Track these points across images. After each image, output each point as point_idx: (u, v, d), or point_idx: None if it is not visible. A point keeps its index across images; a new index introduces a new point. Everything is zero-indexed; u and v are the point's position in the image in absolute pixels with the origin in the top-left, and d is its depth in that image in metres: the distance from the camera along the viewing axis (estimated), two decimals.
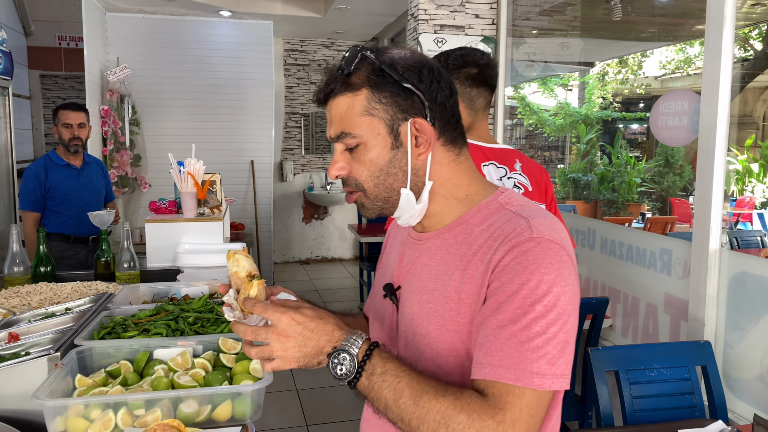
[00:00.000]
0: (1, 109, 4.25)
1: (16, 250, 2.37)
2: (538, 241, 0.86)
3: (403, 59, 0.93)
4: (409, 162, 0.94)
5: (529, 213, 0.92)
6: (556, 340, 0.83)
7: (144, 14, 5.71)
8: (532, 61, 4.19)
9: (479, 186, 0.99)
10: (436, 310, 0.94)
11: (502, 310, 0.85)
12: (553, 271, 0.85)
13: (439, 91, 0.94)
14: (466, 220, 0.96)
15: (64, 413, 1.12)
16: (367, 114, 0.92)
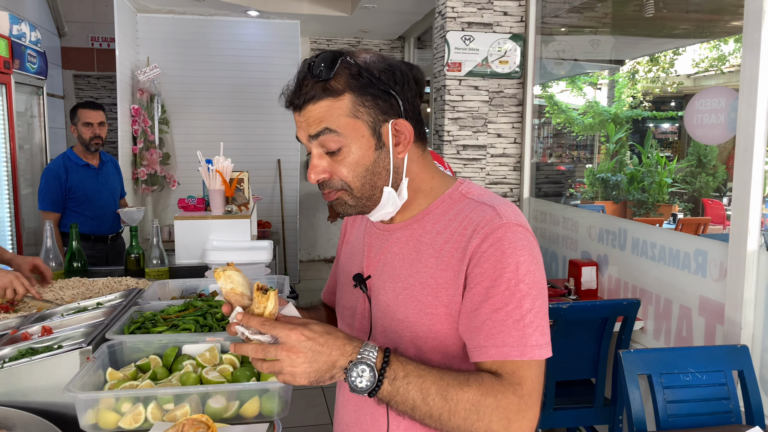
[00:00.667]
0: (35, 108, 4.34)
1: (50, 245, 2.42)
2: (508, 226, 0.95)
3: (376, 62, 0.97)
4: (391, 160, 0.99)
5: (491, 201, 1.00)
6: (542, 312, 0.93)
7: (174, 15, 5.79)
8: (561, 59, 4.13)
9: (440, 179, 1.07)
10: (413, 296, 1.00)
11: (492, 294, 0.92)
12: (526, 251, 0.94)
13: (409, 92, 0.99)
14: (432, 210, 1.03)
15: (95, 406, 1.13)
16: (352, 117, 0.95)
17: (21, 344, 1.46)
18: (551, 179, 9.71)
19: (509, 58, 3.72)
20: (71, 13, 6.39)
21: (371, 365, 0.86)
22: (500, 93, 3.78)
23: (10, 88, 3.56)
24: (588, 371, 2.52)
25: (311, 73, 0.95)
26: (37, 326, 1.60)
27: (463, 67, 3.69)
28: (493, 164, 3.85)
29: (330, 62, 0.94)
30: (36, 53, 4.05)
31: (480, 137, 3.81)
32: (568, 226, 3.36)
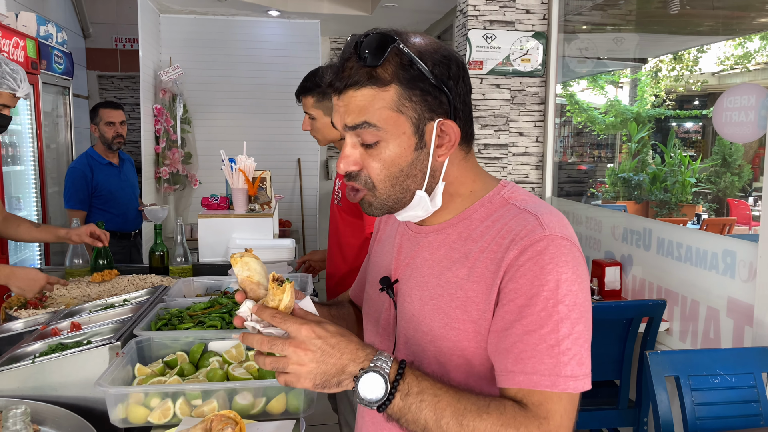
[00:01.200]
0: (61, 108, 4.41)
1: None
2: (551, 239, 0.84)
3: (432, 52, 0.87)
4: (430, 163, 0.89)
5: (536, 209, 0.89)
6: (582, 339, 0.83)
7: (196, 15, 5.84)
8: (584, 57, 4.09)
9: (482, 181, 0.96)
10: (440, 307, 0.91)
11: (526, 314, 0.83)
12: (569, 269, 0.83)
13: (463, 88, 0.89)
14: (469, 215, 0.93)
15: (125, 401, 1.15)
16: (396, 111, 0.86)
17: (51, 339, 1.49)
18: (573, 179, 9.62)
19: (531, 57, 3.69)
20: (96, 15, 6.49)
21: (384, 375, 0.79)
22: (522, 91, 3.75)
23: (37, 88, 3.62)
24: (612, 372, 2.49)
25: (358, 55, 0.85)
26: (66, 322, 1.62)
27: (485, 66, 3.67)
28: (515, 163, 3.82)
29: (380, 46, 0.84)
30: (62, 54, 4.11)
31: (502, 136, 3.78)
32: (591, 225, 3.32)
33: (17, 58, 3.25)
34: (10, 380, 1.31)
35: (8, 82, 1.98)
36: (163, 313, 1.58)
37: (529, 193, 0.95)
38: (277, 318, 0.81)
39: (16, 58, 3.24)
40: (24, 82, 2.05)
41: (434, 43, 0.89)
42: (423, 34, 0.91)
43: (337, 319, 1.11)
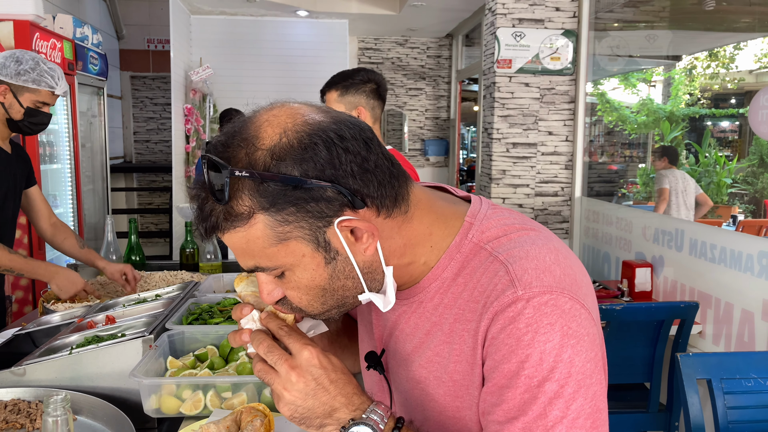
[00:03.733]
0: (96, 108, 4.52)
1: (111, 239, 2.52)
2: (525, 299, 0.68)
3: (287, 149, 0.66)
4: (355, 264, 0.72)
5: (507, 254, 0.72)
6: (582, 418, 0.68)
7: (225, 15, 5.93)
8: (616, 56, 4.03)
9: (441, 227, 0.77)
10: (429, 395, 0.78)
11: (507, 398, 0.69)
12: (555, 332, 0.67)
13: (349, 163, 0.68)
14: (438, 274, 0.77)
15: (158, 392, 1.17)
16: (278, 243, 0.69)
17: (87, 332, 1.53)
18: (603, 178, 9.48)
19: (561, 55, 3.65)
20: (129, 17, 6.63)
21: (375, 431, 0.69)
22: (551, 90, 3.72)
23: (73, 89, 3.72)
24: (642, 375, 2.45)
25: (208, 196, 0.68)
26: (101, 315, 1.67)
27: (514, 64, 3.65)
28: (544, 162, 3.79)
29: (220, 182, 0.66)
30: (97, 55, 4.22)
31: (530, 135, 3.75)
32: (621, 226, 3.28)
33: (54, 60, 3.34)
34: (49, 371, 1.35)
35: (47, 80, 2.04)
36: (194, 308, 1.61)
37: (503, 224, 0.77)
38: (283, 331, 0.73)
39: (54, 59, 3.33)
40: (62, 80, 2.10)
41: (288, 129, 0.68)
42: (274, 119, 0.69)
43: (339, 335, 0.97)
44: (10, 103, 2.02)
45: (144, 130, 7.05)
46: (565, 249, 0.76)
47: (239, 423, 1.06)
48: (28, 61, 2.02)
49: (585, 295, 0.71)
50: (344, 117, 0.71)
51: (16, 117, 2.05)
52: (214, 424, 1.04)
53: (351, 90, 2.06)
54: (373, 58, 7.17)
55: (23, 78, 2.00)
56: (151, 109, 7.03)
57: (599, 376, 0.70)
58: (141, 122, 7.05)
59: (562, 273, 0.71)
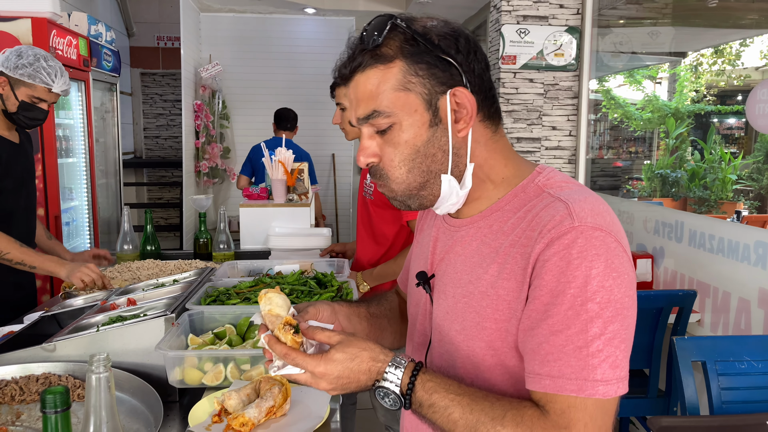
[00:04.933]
0: (109, 103, 4.62)
1: (127, 230, 2.61)
2: (580, 230, 0.78)
3: (437, 27, 0.85)
4: (450, 140, 0.85)
5: (568, 196, 0.84)
6: (617, 339, 0.77)
7: (234, 13, 6.01)
8: (619, 52, 4.09)
9: (515, 166, 0.91)
10: (472, 306, 0.88)
11: (552, 314, 0.78)
12: (601, 262, 0.77)
13: (476, 63, 0.86)
14: (502, 206, 0.89)
15: (182, 364, 1.26)
16: (403, 89, 0.83)
17: (111, 312, 1.62)
18: (607, 173, 9.50)
19: (565, 51, 3.71)
20: (139, 14, 6.73)
21: (394, 393, 0.81)
22: (555, 86, 3.78)
23: (88, 85, 3.81)
24: (642, 362, 2.52)
25: (362, 41, 0.84)
26: (123, 298, 1.75)
27: (518, 60, 3.71)
28: (548, 157, 3.85)
29: (380, 27, 0.83)
30: (111, 52, 4.31)
31: (534, 130, 3.82)
32: (623, 219, 3.34)
33: (70, 56, 3.43)
34: (78, 347, 1.43)
35: (42, 76, 2.09)
36: (211, 291, 1.70)
37: (567, 179, 0.90)
38: (289, 357, 0.85)
39: (69, 56, 3.42)
40: (60, 78, 2.14)
41: (442, 20, 0.87)
42: (433, 16, 0.89)
43: (378, 317, 1.10)
44: (7, 94, 2.10)
45: (154, 126, 7.16)
46: (613, 213, 0.87)
47: (258, 391, 1.14)
48: (29, 56, 2.09)
49: (626, 244, 0.83)
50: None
51: (11, 109, 2.12)
52: (236, 392, 1.12)
53: None
54: None
55: (20, 72, 2.07)
56: (161, 106, 7.13)
57: (633, 311, 0.80)
58: (151, 118, 7.15)
59: (611, 220, 0.82)
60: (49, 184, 3.22)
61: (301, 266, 2.14)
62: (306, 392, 1.19)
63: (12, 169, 2.21)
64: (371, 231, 2.22)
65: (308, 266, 2.16)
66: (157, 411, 1.22)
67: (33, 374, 1.39)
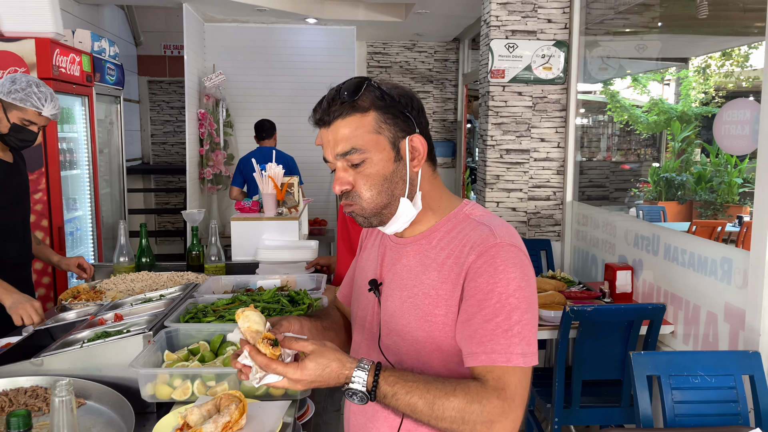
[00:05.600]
0: (113, 115, 4.77)
1: (123, 242, 2.74)
2: (501, 246, 1.07)
3: (397, 90, 1.12)
4: (408, 172, 1.11)
5: (490, 222, 1.12)
6: (530, 325, 1.04)
7: (237, 23, 6.15)
8: (606, 65, 4.16)
9: (448, 199, 1.19)
10: (416, 304, 1.12)
11: (484, 306, 1.04)
12: (517, 269, 1.05)
13: (422, 118, 1.14)
14: (438, 228, 1.15)
15: (153, 380, 1.38)
16: (375, 132, 1.09)
17: (97, 328, 1.74)
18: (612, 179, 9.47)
19: (552, 65, 3.80)
20: (146, 24, 6.89)
21: (361, 390, 1.00)
22: (544, 98, 3.86)
23: (92, 99, 3.96)
24: (616, 372, 2.61)
25: (339, 96, 1.08)
26: (111, 313, 1.88)
27: (507, 74, 3.80)
28: (536, 168, 3.94)
29: (359, 85, 1.09)
30: (114, 66, 4.45)
31: (523, 141, 3.91)
32: (607, 230, 3.42)
33: (73, 73, 3.58)
34: (63, 362, 1.56)
35: (33, 100, 2.26)
36: (191, 308, 1.82)
37: (486, 210, 1.18)
38: (270, 367, 1.00)
39: (73, 72, 3.57)
40: (50, 102, 2.30)
41: (398, 86, 1.15)
42: (389, 81, 1.16)
43: (328, 330, 1.31)
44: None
45: (161, 133, 7.32)
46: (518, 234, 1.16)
47: (219, 407, 1.25)
48: (22, 82, 2.27)
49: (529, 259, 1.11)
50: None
51: (2, 131, 2.29)
52: (197, 407, 1.24)
53: None
54: (381, 62, 7.35)
55: (12, 96, 2.24)
56: (168, 113, 7.29)
57: (536, 307, 1.08)
58: (158, 125, 7.31)
59: (519, 240, 1.11)
60: (53, 196, 3.37)
61: (282, 281, 2.26)
62: (262, 408, 1.31)
63: (7, 188, 2.36)
64: (350, 246, 2.33)
65: (291, 280, 2.28)
66: (130, 422, 1.33)
67: (22, 387, 1.51)
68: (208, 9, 5.67)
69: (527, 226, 3.98)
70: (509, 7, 3.74)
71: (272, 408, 1.30)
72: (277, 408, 1.31)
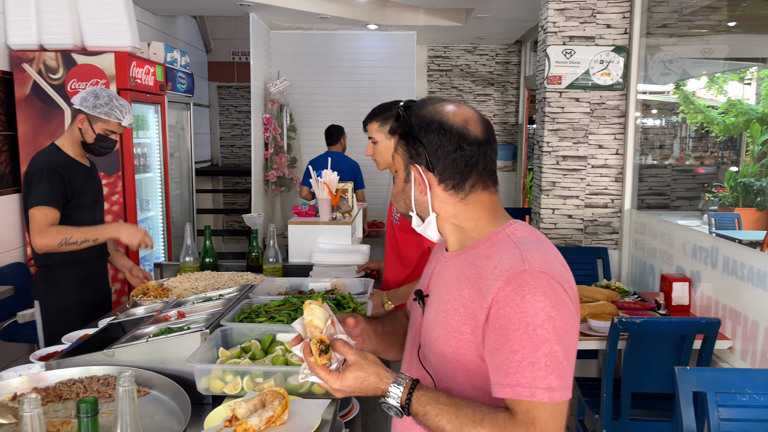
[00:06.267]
0: (184, 121, 5.05)
1: (189, 243, 2.93)
2: (530, 272, 1.03)
3: (422, 117, 1.15)
4: (412, 195, 1.19)
5: (525, 245, 1.09)
6: (561, 357, 1.00)
7: (302, 30, 6.35)
8: (668, 70, 4.05)
9: (489, 219, 1.17)
10: (446, 319, 1.13)
11: (511, 337, 1.01)
12: (547, 298, 1.01)
13: (440, 148, 1.13)
14: (477, 246, 1.15)
15: (208, 375, 1.50)
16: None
17: (162, 324, 1.90)
18: (675, 186, 9.10)
19: (611, 70, 3.74)
20: (216, 31, 7.22)
21: (396, 405, 1.06)
22: (602, 104, 3.81)
23: (164, 107, 4.22)
24: (668, 386, 2.56)
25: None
26: (174, 311, 2.04)
27: (564, 80, 3.77)
28: (594, 175, 3.89)
29: (396, 110, 1.23)
30: (185, 75, 4.72)
31: (580, 148, 3.87)
32: (665, 240, 3.34)
33: (147, 83, 3.84)
34: (131, 354, 1.72)
35: (116, 113, 2.53)
36: (246, 308, 1.95)
37: (532, 232, 1.15)
38: (314, 370, 1.09)
39: (147, 83, 3.83)
40: (129, 114, 2.59)
41: (433, 110, 1.16)
42: (448, 102, 1.18)
43: (388, 335, 1.37)
44: (86, 129, 2.52)
45: (229, 136, 7.65)
46: (561, 259, 1.13)
47: (264, 402, 1.36)
48: (104, 96, 2.52)
49: (568, 286, 1.07)
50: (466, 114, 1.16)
51: (89, 140, 2.54)
52: (245, 402, 1.35)
53: (389, 120, 2.30)
54: (442, 66, 7.39)
55: (98, 110, 2.50)
56: (236, 117, 7.62)
57: (573, 336, 1.04)
58: (226, 128, 7.65)
59: (555, 267, 1.07)
60: (128, 197, 3.63)
61: (332, 284, 2.36)
62: (303, 405, 1.41)
63: (88, 190, 2.59)
64: (398, 253, 2.41)
65: (340, 284, 2.38)
66: (187, 412, 1.47)
67: (95, 375, 1.68)
68: (273, 17, 5.89)
69: (584, 234, 3.93)
70: (567, 13, 3.72)
71: (313, 405, 1.40)
72: (318, 406, 1.40)
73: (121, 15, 3.55)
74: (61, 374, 1.66)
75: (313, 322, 1.10)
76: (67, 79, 3.51)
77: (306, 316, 1.11)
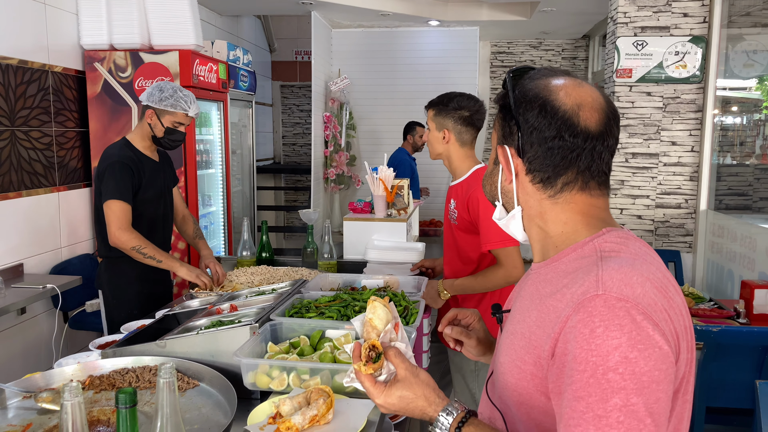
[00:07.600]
0: (246, 119, 5.13)
1: (246, 238, 2.95)
2: (604, 299, 0.81)
3: (526, 91, 0.95)
4: (499, 181, 1.01)
5: (607, 262, 0.86)
6: (642, 413, 0.75)
7: (363, 28, 6.34)
8: (752, 62, 3.76)
9: (579, 226, 0.95)
10: (513, 345, 0.95)
11: (575, 380, 0.79)
12: (623, 334, 0.78)
13: (536, 131, 0.93)
14: (559, 258, 0.95)
15: (254, 369, 1.48)
16: (494, 128, 1.03)
17: (214, 317, 1.90)
18: (757, 186, 8.52)
19: (688, 62, 3.51)
20: (280, 31, 7.33)
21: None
22: (676, 99, 3.59)
23: (226, 104, 4.30)
24: (747, 400, 2.37)
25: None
26: (227, 304, 2.04)
27: (634, 73, 3.57)
28: (666, 173, 3.66)
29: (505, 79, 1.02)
30: (247, 73, 4.80)
31: (652, 145, 3.65)
32: (746, 243, 3.10)
33: (210, 81, 3.91)
34: (182, 345, 1.72)
35: (182, 104, 2.56)
36: (297, 303, 1.92)
37: (625, 243, 0.91)
38: (359, 378, 1.00)
39: (210, 80, 3.90)
40: (194, 104, 2.61)
41: (545, 83, 0.95)
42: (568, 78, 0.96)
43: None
44: (155, 123, 2.57)
45: (291, 134, 7.76)
46: (661, 281, 0.87)
47: (309, 400, 1.32)
48: (168, 89, 2.56)
49: (661, 319, 0.82)
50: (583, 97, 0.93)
51: (158, 135, 2.59)
52: (290, 399, 1.32)
53: (442, 113, 2.25)
54: (505, 62, 7.21)
55: (164, 103, 2.54)
56: (298, 115, 7.71)
57: (665, 385, 0.78)
58: (288, 127, 7.76)
59: (643, 292, 0.82)
60: (190, 192, 3.71)
61: (385, 281, 2.31)
62: (349, 405, 1.36)
63: (154, 183, 2.64)
64: (457, 252, 2.33)
65: (393, 281, 2.33)
66: (234, 406, 1.45)
67: (147, 365, 1.69)
68: (335, 16, 5.91)
69: (654, 236, 3.71)
70: (639, 2, 3.52)
71: (359, 406, 1.35)
72: (364, 406, 1.35)
73: (186, 13, 3.63)
74: (116, 363, 1.68)
75: (372, 321, 1.01)
76: (135, 77, 3.62)
77: (367, 313, 1.02)
